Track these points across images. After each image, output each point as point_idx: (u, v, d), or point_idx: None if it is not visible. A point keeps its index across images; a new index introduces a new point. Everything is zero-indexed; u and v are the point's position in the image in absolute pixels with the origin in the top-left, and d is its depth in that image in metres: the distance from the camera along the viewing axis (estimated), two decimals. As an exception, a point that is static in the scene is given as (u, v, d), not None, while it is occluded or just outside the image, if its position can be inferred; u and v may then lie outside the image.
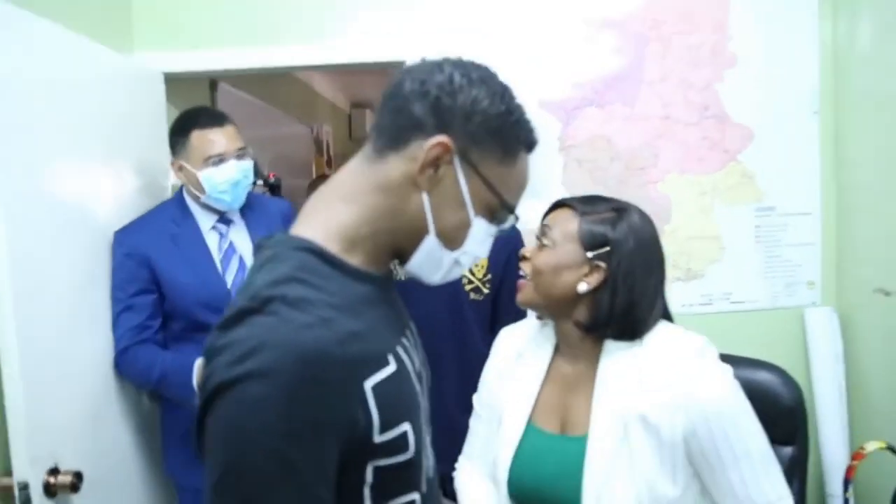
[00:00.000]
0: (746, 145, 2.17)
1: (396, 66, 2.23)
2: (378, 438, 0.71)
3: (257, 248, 0.81)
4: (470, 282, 1.82)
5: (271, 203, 2.09)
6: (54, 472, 1.45)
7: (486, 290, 1.84)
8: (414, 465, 0.76)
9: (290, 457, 0.64)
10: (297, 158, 4.45)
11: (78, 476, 1.46)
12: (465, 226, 0.80)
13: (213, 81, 2.91)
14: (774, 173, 2.19)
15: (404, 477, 0.76)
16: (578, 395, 1.21)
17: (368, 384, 0.70)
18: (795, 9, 2.18)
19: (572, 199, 1.25)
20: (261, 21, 2.21)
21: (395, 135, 0.77)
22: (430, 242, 0.79)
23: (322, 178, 5.00)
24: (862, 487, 1.91)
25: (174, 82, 2.21)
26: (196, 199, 1.82)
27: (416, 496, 0.78)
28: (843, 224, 2.21)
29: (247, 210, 1.90)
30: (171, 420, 1.83)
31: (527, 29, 2.17)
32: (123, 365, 1.74)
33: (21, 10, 1.46)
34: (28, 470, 1.39)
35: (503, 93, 0.79)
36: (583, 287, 1.17)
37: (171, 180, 2.12)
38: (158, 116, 2.11)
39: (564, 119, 2.18)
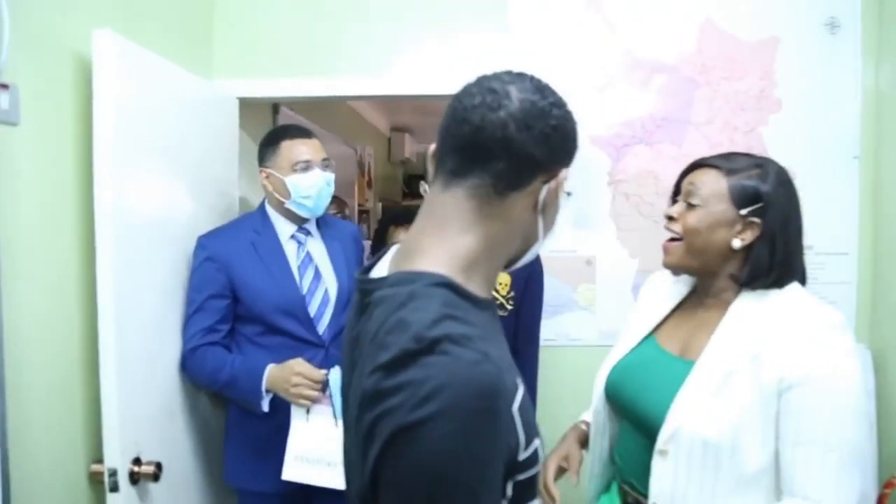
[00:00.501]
0: (787, 186, 2.26)
1: (440, 98, 2.36)
2: (521, 456, 0.75)
3: (365, 290, 0.83)
4: (496, 299, 1.93)
5: (343, 224, 2.19)
6: (137, 461, 1.58)
7: (509, 307, 1.96)
8: (538, 475, 0.81)
9: (475, 487, 0.68)
10: (342, 178, 4.59)
11: (158, 466, 1.59)
12: (555, 223, 0.90)
13: (274, 105, 3.07)
14: (814, 214, 2.20)
15: (531, 487, 0.80)
16: (703, 330, 1.26)
17: (514, 407, 0.73)
18: (839, 55, 2.26)
19: (712, 158, 1.28)
20: (320, 55, 2.36)
21: (518, 178, 0.81)
22: (538, 246, 0.89)
23: (398, 207, 5.19)
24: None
25: (242, 105, 2.38)
26: (279, 206, 1.90)
27: (538, 502, 0.83)
28: (879, 265, 2.27)
29: (322, 225, 2.00)
30: (238, 430, 1.88)
31: (579, 67, 2.30)
32: (191, 363, 1.81)
33: (128, 42, 1.61)
34: (117, 458, 1.52)
35: (568, 106, 0.84)
36: (737, 243, 1.21)
37: (239, 193, 2.27)
38: (232, 136, 2.27)
39: (614, 155, 2.29)
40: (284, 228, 1.92)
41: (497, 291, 1.96)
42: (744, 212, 1.20)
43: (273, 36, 2.38)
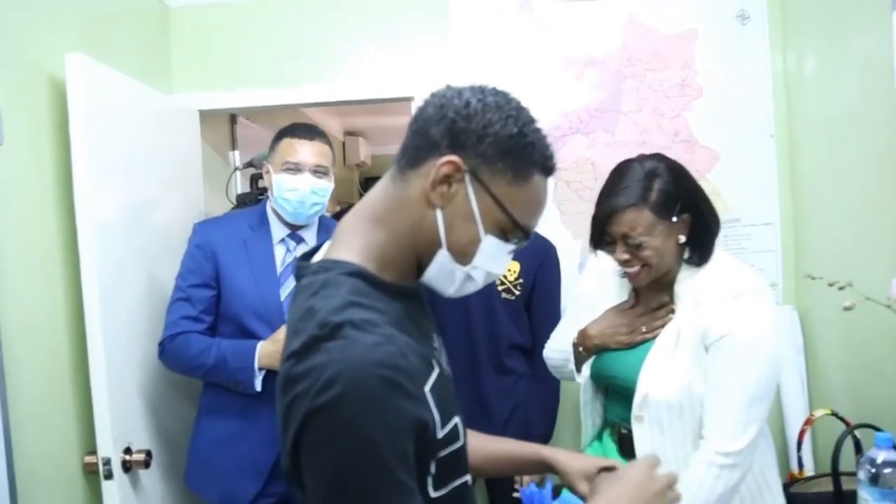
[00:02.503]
0: (713, 165, 2.47)
1: (393, 101, 2.54)
2: (440, 434, 0.77)
3: (298, 276, 0.84)
4: (502, 283, 2.07)
5: None
6: (128, 450, 1.70)
7: (517, 292, 2.08)
8: (463, 451, 0.84)
9: (386, 461, 0.69)
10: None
11: (149, 454, 1.71)
12: (475, 241, 0.82)
13: (232, 116, 3.19)
14: (738, 189, 2.48)
15: (457, 463, 0.83)
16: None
17: (427, 388, 0.76)
18: (751, 44, 2.48)
19: (620, 199, 1.36)
20: (274, 65, 2.50)
21: (414, 155, 0.82)
22: (443, 256, 0.83)
23: (349, 207, 5.27)
24: (816, 448, 2.23)
25: (203, 117, 2.49)
26: (274, 205, 1.84)
27: (467, 478, 0.86)
28: (800, 232, 2.49)
29: (322, 232, 1.90)
30: (204, 432, 1.82)
31: (518, 68, 2.48)
32: (173, 349, 1.74)
33: (97, 63, 1.74)
34: (110, 448, 1.64)
35: (517, 116, 0.82)
36: (683, 239, 1.38)
37: (203, 199, 2.39)
38: (195, 146, 2.39)
39: (554, 145, 2.46)
40: (277, 230, 1.86)
41: (505, 277, 2.06)
42: (674, 219, 1.36)
43: (228, 50, 2.50)
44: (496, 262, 0.86)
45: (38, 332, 1.61)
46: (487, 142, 0.80)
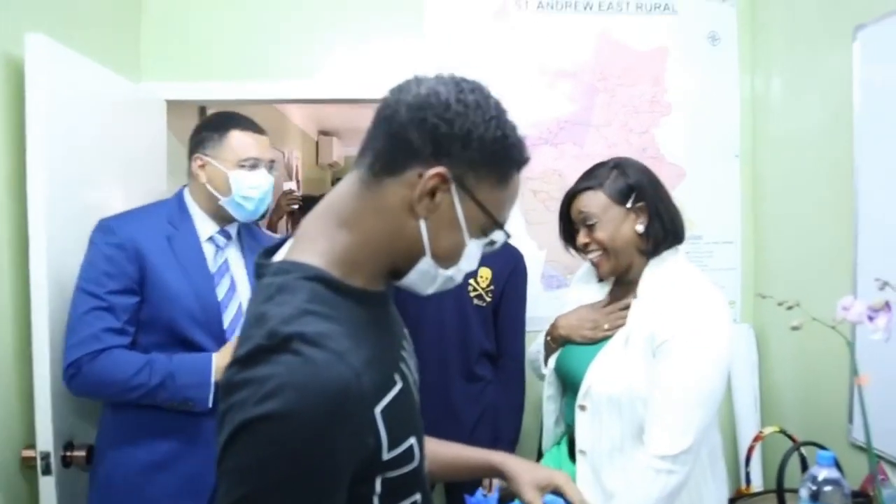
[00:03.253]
0: (679, 182, 2.50)
1: (365, 102, 2.52)
2: (386, 456, 0.75)
3: (259, 274, 0.80)
4: (474, 289, 2.10)
5: (265, 237, 1.97)
6: (70, 446, 1.65)
7: (488, 298, 2.11)
8: (418, 471, 0.81)
9: (307, 488, 0.67)
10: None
11: (90, 450, 1.66)
12: (460, 247, 0.81)
13: (202, 108, 3.14)
14: (702, 207, 2.52)
15: (409, 482, 0.80)
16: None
17: (378, 409, 0.73)
18: (720, 67, 2.54)
19: (579, 183, 1.53)
20: (247, 59, 2.47)
21: (393, 161, 0.76)
22: (426, 263, 0.81)
23: (317, 199, 5.23)
24: (766, 465, 2.28)
25: (170, 107, 2.45)
26: (207, 202, 1.70)
27: (418, 496, 0.83)
28: (760, 252, 2.55)
29: (245, 234, 1.80)
30: (128, 460, 1.57)
31: (491, 74, 2.47)
32: (95, 370, 1.50)
33: (60, 46, 1.69)
34: (49, 442, 1.59)
35: (498, 116, 0.78)
36: (640, 228, 1.47)
37: (168, 191, 2.32)
38: (160, 137, 2.35)
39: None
40: (204, 227, 1.70)
41: (477, 283, 2.09)
42: (629, 205, 1.46)
43: (201, 40, 2.46)
44: (474, 260, 0.85)
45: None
46: (473, 147, 0.77)
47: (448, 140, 0.76)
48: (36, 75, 1.59)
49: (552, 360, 1.62)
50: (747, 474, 1.88)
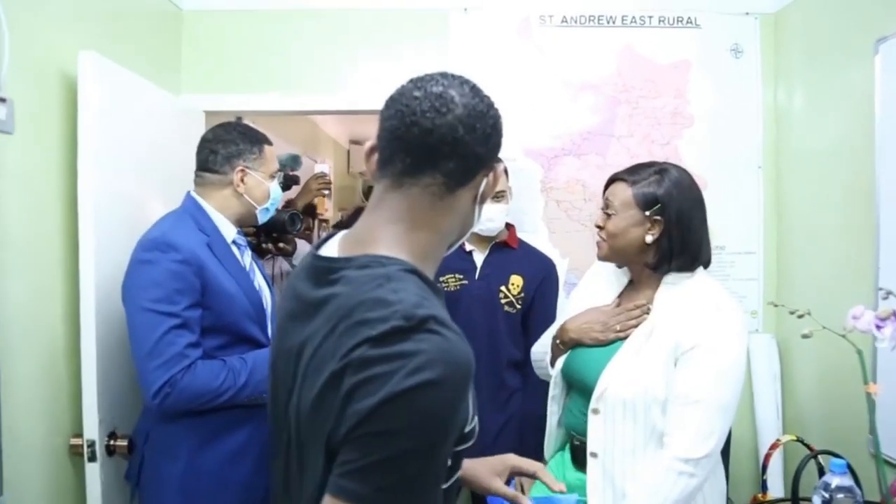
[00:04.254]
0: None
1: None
2: (468, 428, 0.85)
3: (333, 267, 0.86)
4: (505, 296, 2.15)
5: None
6: (113, 435, 1.76)
7: (518, 306, 2.16)
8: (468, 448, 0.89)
9: (444, 450, 0.77)
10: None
11: (132, 441, 1.76)
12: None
13: (238, 119, 3.27)
14: (724, 218, 2.54)
15: (461, 459, 0.89)
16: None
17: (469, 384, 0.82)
18: (744, 79, 2.57)
19: (622, 171, 1.54)
20: (283, 71, 2.59)
21: (466, 174, 0.89)
22: (471, 230, 0.99)
23: (358, 210, 5.34)
24: (787, 473, 2.30)
25: (208, 118, 2.56)
26: (234, 208, 1.75)
27: (459, 473, 0.91)
28: (781, 262, 2.56)
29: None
30: (210, 455, 1.63)
31: (515, 87, 2.56)
32: (191, 384, 1.52)
33: (110, 62, 1.81)
34: (95, 430, 1.70)
35: (496, 104, 0.93)
36: (649, 238, 1.48)
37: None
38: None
39: (546, 165, 2.55)
40: (227, 230, 1.75)
41: (508, 291, 2.15)
42: (648, 213, 1.47)
43: (237, 54, 2.59)
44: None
45: (35, 317, 1.67)
46: (501, 142, 0.94)
47: (496, 142, 0.92)
48: (88, 90, 1.71)
49: (559, 362, 1.65)
50: (763, 482, 1.90)
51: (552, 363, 1.68)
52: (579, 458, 1.55)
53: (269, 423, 0.99)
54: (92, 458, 1.69)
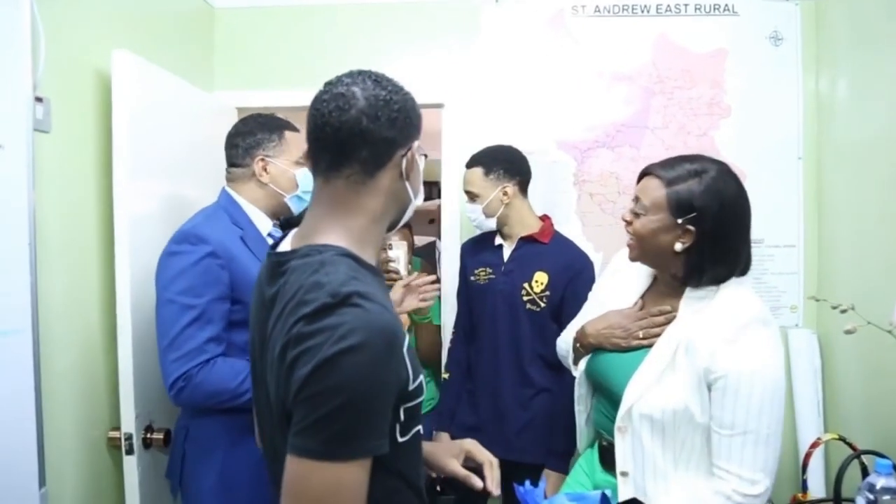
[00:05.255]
0: (738, 185, 2.48)
1: (424, 108, 2.58)
2: (411, 386, 0.95)
3: (282, 261, 0.98)
4: (527, 293, 2.09)
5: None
6: (150, 429, 1.79)
7: (542, 304, 2.07)
8: (421, 406, 1.01)
9: (379, 406, 0.88)
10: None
11: (168, 433, 1.79)
12: (420, 183, 1.09)
13: (267, 114, 3.30)
14: (763, 210, 2.44)
15: (416, 414, 1.00)
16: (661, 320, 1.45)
17: (403, 349, 0.92)
18: (783, 66, 2.49)
19: (658, 166, 1.39)
20: (313, 67, 2.59)
21: (381, 158, 0.99)
22: (412, 206, 1.09)
23: None
24: (829, 473, 2.25)
25: (240, 114, 2.58)
26: (266, 199, 1.75)
27: (420, 427, 1.02)
28: (823, 256, 2.49)
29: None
30: (240, 456, 1.58)
31: (547, 79, 2.52)
32: (207, 380, 1.51)
33: (143, 60, 1.83)
34: (132, 424, 1.73)
35: (405, 89, 1.04)
36: (679, 246, 1.34)
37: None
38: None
39: (579, 158, 2.52)
40: (263, 223, 1.75)
41: (531, 288, 2.08)
42: (680, 220, 1.33)
43: (268, 51, 2.61)
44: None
45: (73, 313, 1.71)
46: (417, 121, 1.05)
47: (405, 123, 1.01)
48: (122, 89, 1.73)
49: (582, 363, 1.59)
50: (804, 481, 1.85)
51: (575, 363, 1.63)
52: (607, 460, 1.51)
53: (256, 417, 1.12)
54: (129, 451, 1.72)
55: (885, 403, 2.04)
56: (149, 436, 1.78)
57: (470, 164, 2.15)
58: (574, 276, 2.07)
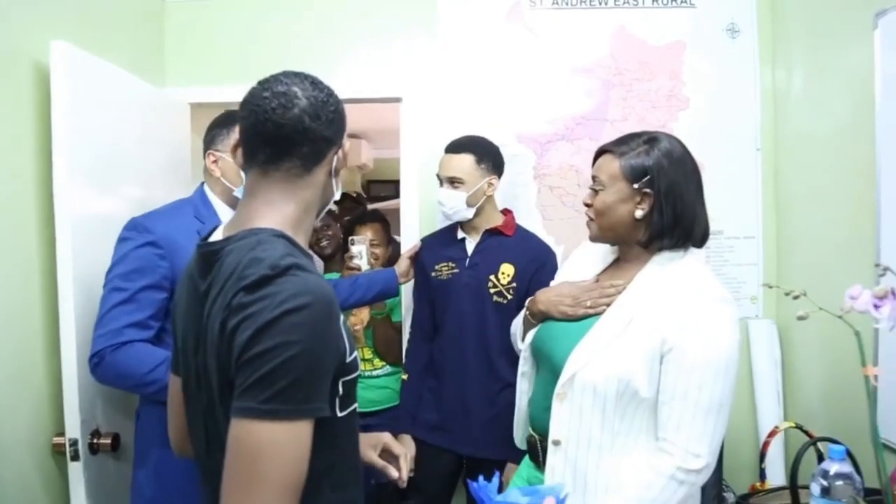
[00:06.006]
0: (698, 176, 2.48)
1: (382, 101, 2.59)
2: (348, 359, 0.99)
3: (217, 249, 1.01)
4: (494, 286, 2.07)
5: None
6: (96, 433, 1.73)
7: (509, 296, 2.07)
8: (356, 381, 1.05)
9: (325, 367, 0.91)
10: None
11: (116, 438, 1.73)
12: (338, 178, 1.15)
13: (226, 111, 3.23)
14: (722, 201, 2.49)
15: (353, 391, 1.05)
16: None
17: (340, 322, 0.97)
18: (740, 58, 2.51)
19: (609, 143, 1.44)
20: (270, 60, 2.52)
21: (319, 154, 1.05)
22: (333, 199, 1.15)
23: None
24: (788, 461, 2.25)
25: (195, 109, 2.53)
26: (224, 194, 1.79)
27: (356, 405, 1.07)
28: (782, 247, 2.51)
29: None
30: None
31: (507, 72, 2.50)
32: (116, 362, 1.54)
33: (84, 52, 1.77)
34: (77, 429, 1.66)
35: (335, 92, 1.09)
36: (639, 213, 1.38)
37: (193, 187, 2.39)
38: (184, 139, 2.42)
39: (539, 151, 2.50)
40: (227, 217, 1.69)
41: (498, 280, 2.07)
42: (636, 185, 1.37)
43: (223, 44, 2.55)
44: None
45: (12, 316, 1.64)
46: (345, 123, 1.11)
47: (340, 124, 1.08)
48: (60, 81, 1.66)
49: (529, 335, 1.57)
50: (762, 470, 1.86)
51: (523, 337, 1.61)
52: (533, 455, 1.49)
53: (186, 414, 1.11)
54: (75, 457, 1.65)
55: (841, 391, 2.06)
56: (95, 441, 1.71)
57: (457, 150, 2.10)
58: (539, 268, 2.08)
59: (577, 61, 2.50)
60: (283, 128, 1.01)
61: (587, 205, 1.47)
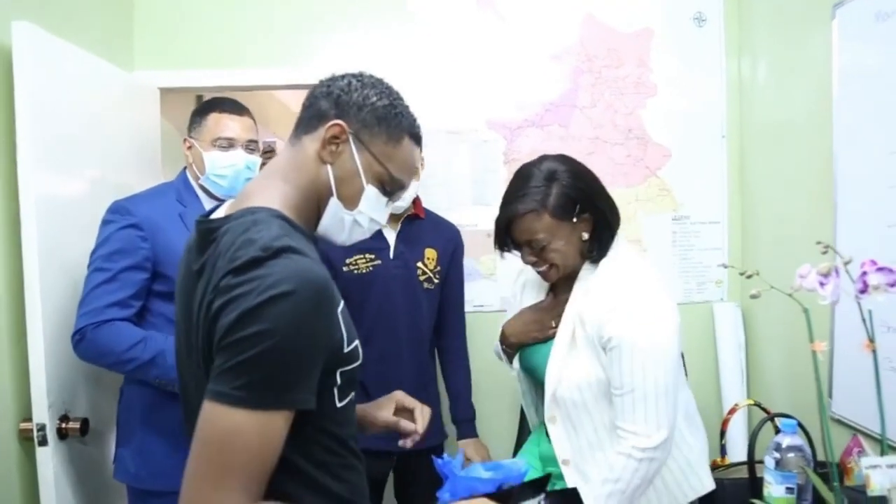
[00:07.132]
0: (665, 163, 2.53)
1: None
2: (346, 349, 0.94)
3: (213, 227, 0.97)
4: (423, 272, 2.06)
5: None
6: (65, 418, 1.72)
7: (436, 281, 2.08)
8: (358, 371, 1.00)
9: (296, 355, 0.85)
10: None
11: (86, 422, 1.73)
12: (359, 190, 1.03)
13: (199, 95, 3.20)
14: (689, 187, 2.55)
15: (354, 380, 1.00)
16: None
17: (338, 310, 0.93)
18: (706, 46, 2.55)
19: (516, 206, 1.43)
20: (241, 45, 2.52)
21: (308, 122, 1.02)
22: (334, 203, 1.03)
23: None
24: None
25: (166, 94, 2.50)
26: (197, 180, 1.84)
27: (354, 395, 1.03)
28: (747, 231, 2.57)
29: None
30: (150, 419, 1.71)
31: (478, 58, 2.52)
32: (97, 339, 1.60)
33: (48, 34, 1.74)
34: (45, 414, 1.65)
35: (388, 93, 1.04)
36: (585, 236, 1.46)
37: (163, 178, 2.37)
38: (154, 124, 2.40)
39: (509, 137, 2.52)
40: (209, 203, 1.82)
41: (425, 265, 2.05)
42: (575, 219, 1.44)
43: (194, 28, 2.52)
44: (378, 210, 1.07)
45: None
46: (366, 110, 1.02)
47: (346, 104, 1.02)
48: (23, 63, 1.64)
49: (516, 361, 1.65)
50: (722, 446, 1.92)
51: (510, 362, 1.68)
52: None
53: (179, 389, 1.09)
54: (43, 443, 1.65)
55: (798, 368, 2.12)
56: (64, 426, 1.71)
57: None
58: (455, 248, 2.14)
59: (547, 48, 2.52)
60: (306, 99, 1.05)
61: (534, 262, 1.48)
